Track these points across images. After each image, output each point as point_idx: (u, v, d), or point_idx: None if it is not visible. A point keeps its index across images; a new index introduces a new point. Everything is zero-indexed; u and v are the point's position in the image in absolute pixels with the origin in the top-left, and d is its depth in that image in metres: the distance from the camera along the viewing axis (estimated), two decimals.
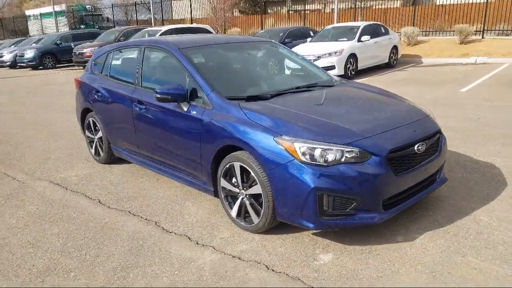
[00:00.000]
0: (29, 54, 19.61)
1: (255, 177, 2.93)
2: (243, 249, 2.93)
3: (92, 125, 4.92)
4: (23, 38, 27.42)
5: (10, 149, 5.83)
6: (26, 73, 18.19)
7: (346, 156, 2.67)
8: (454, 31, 15.68)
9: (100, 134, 4.81)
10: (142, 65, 4.13)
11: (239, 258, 2.82)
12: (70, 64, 20.09)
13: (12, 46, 23.64)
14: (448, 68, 12.45)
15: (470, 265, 2.59)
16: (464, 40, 14.93)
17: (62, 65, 20.56)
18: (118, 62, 4.69)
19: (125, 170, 4.72)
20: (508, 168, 4.12)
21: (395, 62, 13.39)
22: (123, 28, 19.02)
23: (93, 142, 5.01)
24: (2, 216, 3.66)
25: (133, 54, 4.41)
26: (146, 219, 3.47)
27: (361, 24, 12.42)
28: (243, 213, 3.17)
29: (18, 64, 20.22)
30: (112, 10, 30.08)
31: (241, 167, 3.04)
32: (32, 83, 14.13)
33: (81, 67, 17.67)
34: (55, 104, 9.51)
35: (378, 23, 13.56)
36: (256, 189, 2.97)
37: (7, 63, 21.59)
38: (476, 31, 15.59)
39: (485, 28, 15.83)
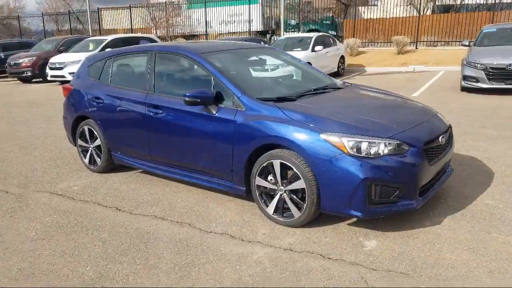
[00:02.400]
0: None
1: (298, 173, 3.09)
2: (290, 241, 3.07)
3: (87, 134, 4.74)
4: None
5: None
6: None
7: (389, 148, 2.94)
8: (391, 42, 17.07)
9: (97, 142, 4.65)
10: (154, 71, 4.11)
11: (291, 250, 2.95)
12: (1, 75, 18.63)
13: None
14: (391, 76, 13.52)
15: (498, 240, 2.97)
16: (401, 50, 16.31)
17: None
18: (122, 68, 4.60)
19: (125, 178, 4.61)
20: (488, 159, 4.69)
21: (343, 71, 14.25)
22: (62, 37, 18.07)
23: (87, 151, 4.81)
24: (16, 230, 3.42)
25: (140, 60, 4.36)
26: (177, 222, 3.46)
27: (313, 35, 13.08)
28: (281, 209, 3.31)
29: None
30: (43, 19, 28.36)
31: (281, 164, 3.18)
32: None
33: (15, 78, 16.51)
34: (4, 116, 8.83)
35: (327, 34, 14.39)
36: (299, 184, 3.12)
37: None
38: (410, 42, 17.11)
39: (418, 39, 17.45)
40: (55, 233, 3.35)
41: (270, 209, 3.36)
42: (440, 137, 3.30)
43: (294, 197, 3.21)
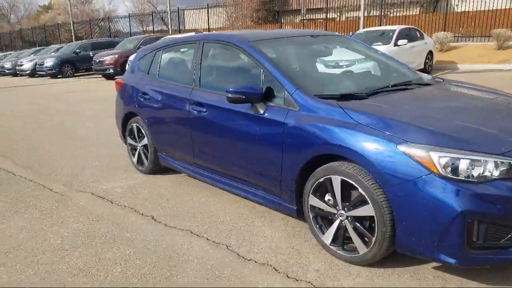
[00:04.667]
0: (49, 62, 19.45)
1: (365, 195, 2.34)
2: (352, 286, 2.33)
3: (135, 132, 4.39)
4: (42, 47, 27.41)
5: (38, 158, 5.32)
6: (46, 81, 18.00)
7: (501, 170, 2.06)
8: (489, 36, 15.03)
9: (145, 141, 4.28)
10: (200, 63, 3.59)
11: None
12: (89, 72, 19.89)
13: (32, 55, 23.59)
14: (490, 75, 11.77)
15: None
16: (502, 45, 14.23)
17: (80, 73, 20.34)
18: (169, 61, 4.17)
19: (172, 181, 4.17)
20: None
21: (430, 68, 12.74)
22: (143, 36, 18.71)
23: (136, 150, 4.47)
24: (45, 236, 3.11)
25: (188, 51, 3.89)
26: (214, 242, 2.90)
27: (397, 27, 11.84)
28: (340, 239, 2.58)
29: (38, 72, 20.07)
30: (129, 20, 29.99)
31: (343, 181, 2.45)
32: (53, 91, 13.77)
33: (100, 75, 17.41)
34: (78, 111, 9.05)
35: (413, 27, 12.98)
36: (365, 210, 2.37)
37: (27, 72, 21.54)
38: None
39: None
40: (80, 243, 2.97)
41: (327, 237, 2.64)
42: None
43: (359, 226, 2.46)
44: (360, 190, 2.37)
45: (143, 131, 4.26)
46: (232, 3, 22.87)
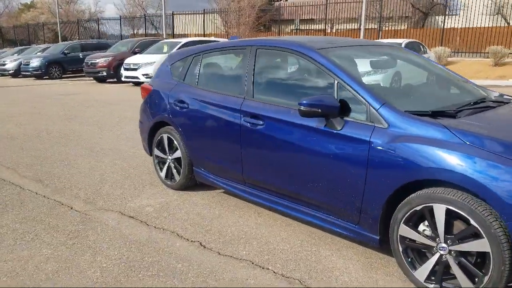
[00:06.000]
0: (35, 63, 18.65)
1: (479, 228, 2.03)
2: None
3: (165, 143, 3.99)
4: (26, 46, 26.47)
5: (46, 169, 4.81)
6: (32, 82, 17.21)
7: None
8: (483, 52, 15.21)
9: (177, 154, 3.88)
10: (253, 71, 3.24)
11: None
12: (77, 74, 19.21)
13: (15, 55, 22.68)
14: None
15: None
16: (498, 62, 14.39)
17: (68, 75, 19.60)
18: (211, 67, 3.80)
19: (208, 199, 3.79)
20: None
21: None
22: (137, 39, 18.20)
23: (165, 163, 4.06)
24: (77, 266, 2.67)
25: (236, 57, 3.54)
26: (283, 276, 2.53)
27: (403, 41, 11.80)
28: (438, 275, 2.25)
29: (22, 72, 19.24)
30: (120, 22, 29.37)
31: (448, 211, 2.14)
32: (43, 93, 13.11)
33: (91, 78, 16.78)
34: (77, 116, 8.53)
35: (416, 40, 12.97)
36: (478, 246, 2.06)
37: (10, 72, 20.64)
38: (510, 53, 15.11)
39: None
40: (123, 275, 2.55)
41: (421, 273, 2.31)
42: None
43: (465, 261, 2.15)
44: (472, 222, 2.06)
45: (175, 143, 3.86)
46: (233, 10, 22.64)
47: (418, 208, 2.26)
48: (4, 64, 21.04)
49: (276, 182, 3.04)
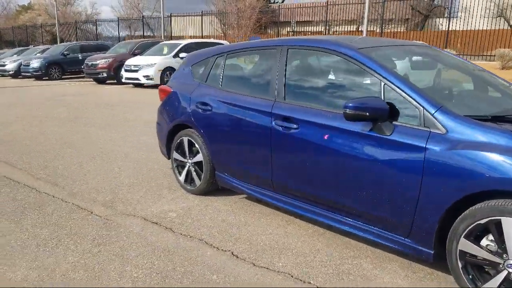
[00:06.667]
0: (35, 64, 18.48)
1: None
2: None
3: (186, 146, 3.86)
4: (26, 47, 26.24)
5: (60, 171, 4.67)
6: (32, 83, 17.01)
7: None
8: (489, 55, 15.20)
9: (199, 157, 3.74)
10: (285, 72, 3.11)
11: None
12: (76, 75, 19.03)
13: (15, 56, 22.47)
14: None
15: None
16: (505, 65, 14.36)
17: (67, 76, 19.41)
18: (236, 68, 3.68)
19: (231, 205, 3.65)
20: None
21: None
22: (137, 41, 18.02)
23: (184, 167, 3.93)
24: (108, 276, 2.54)
25: (264, 58, 3.41)
26: None
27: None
28: None
29: (22, 73, 19.05)
30: (118, 24, 29.18)
31: None
32: (44, 94, 12.92)
33: (91, 79, 16.61)
34: (81, 117, 8.37)
35: (424, 43, 12.90)
36: None
37: (10, 72, 20.45)
38: None
39: None
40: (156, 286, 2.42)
41: None
42: None
43: None
44: None
45: (197, 146, 3.73)
46: (231, 12, 22.55)
47: (482, 221, 2.11)
48: (4, 65, 20.85)
49: (311, 189, 2.90)
